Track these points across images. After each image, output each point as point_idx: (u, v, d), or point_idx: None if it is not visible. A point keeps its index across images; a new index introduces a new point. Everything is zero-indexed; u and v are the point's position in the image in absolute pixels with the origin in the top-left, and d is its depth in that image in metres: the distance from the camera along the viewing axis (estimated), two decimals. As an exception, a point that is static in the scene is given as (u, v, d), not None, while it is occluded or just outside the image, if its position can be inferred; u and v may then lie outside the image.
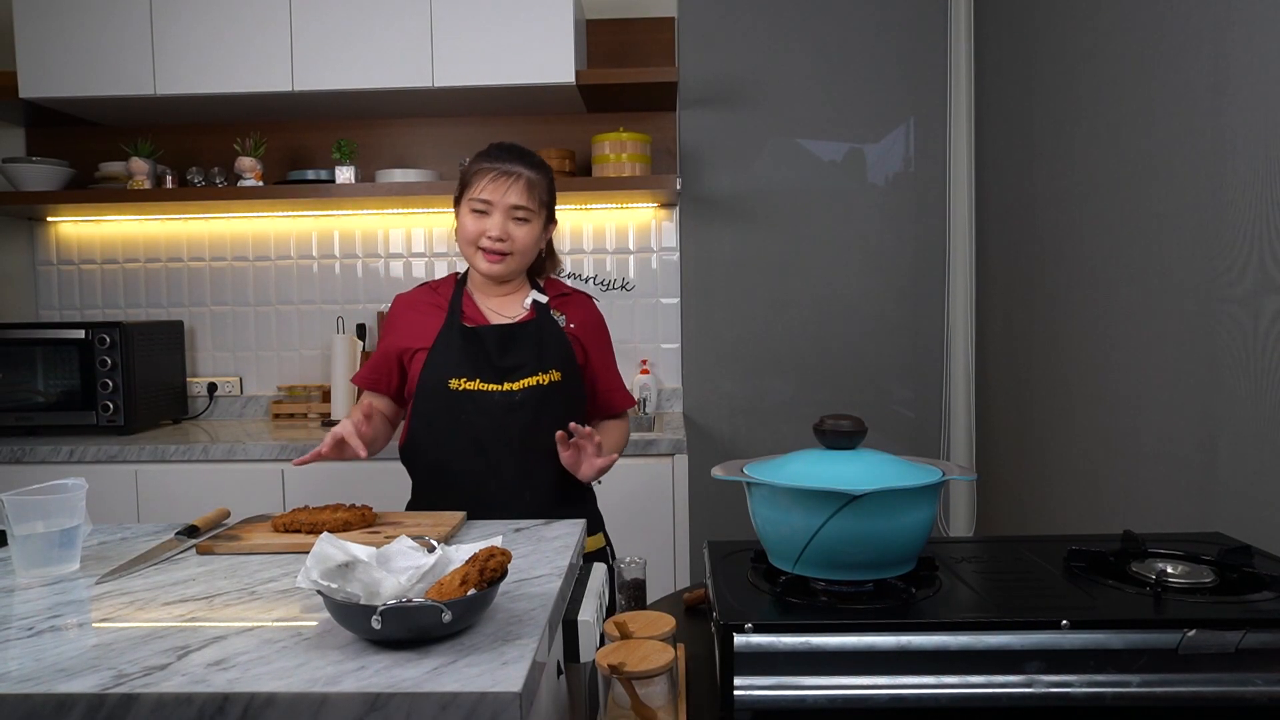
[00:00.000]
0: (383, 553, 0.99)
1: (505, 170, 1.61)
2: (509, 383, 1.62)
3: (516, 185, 1.61)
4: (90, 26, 2.57)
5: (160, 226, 3.01)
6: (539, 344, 1.65)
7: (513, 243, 1.62)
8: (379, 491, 2.36)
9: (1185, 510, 1.62)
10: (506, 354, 1.64)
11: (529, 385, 1.62)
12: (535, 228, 1.65)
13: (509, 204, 1.61)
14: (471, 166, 1.65)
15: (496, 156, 1.64)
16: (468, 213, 1.63)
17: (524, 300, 1.71)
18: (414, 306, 1.73)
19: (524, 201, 1.61)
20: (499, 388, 1.62)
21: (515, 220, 1.62)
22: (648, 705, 0.90)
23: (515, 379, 1.62)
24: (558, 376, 1.64)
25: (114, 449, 2.41)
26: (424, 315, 1.70)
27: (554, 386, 1.64)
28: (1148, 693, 0.89)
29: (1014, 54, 2.51)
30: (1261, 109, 1.39)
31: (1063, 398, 2.18)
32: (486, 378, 1.62)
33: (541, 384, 1.63)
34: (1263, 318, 1.39)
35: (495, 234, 1.61)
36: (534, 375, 1.63)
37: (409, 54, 2.54)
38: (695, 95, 2.94)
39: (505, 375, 1.62)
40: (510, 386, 1.62)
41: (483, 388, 1.62)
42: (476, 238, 1.63)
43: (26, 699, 0.79)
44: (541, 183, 1.65)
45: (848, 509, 0.97)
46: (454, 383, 1.62)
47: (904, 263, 2.97)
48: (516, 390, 1.62)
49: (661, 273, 2.97)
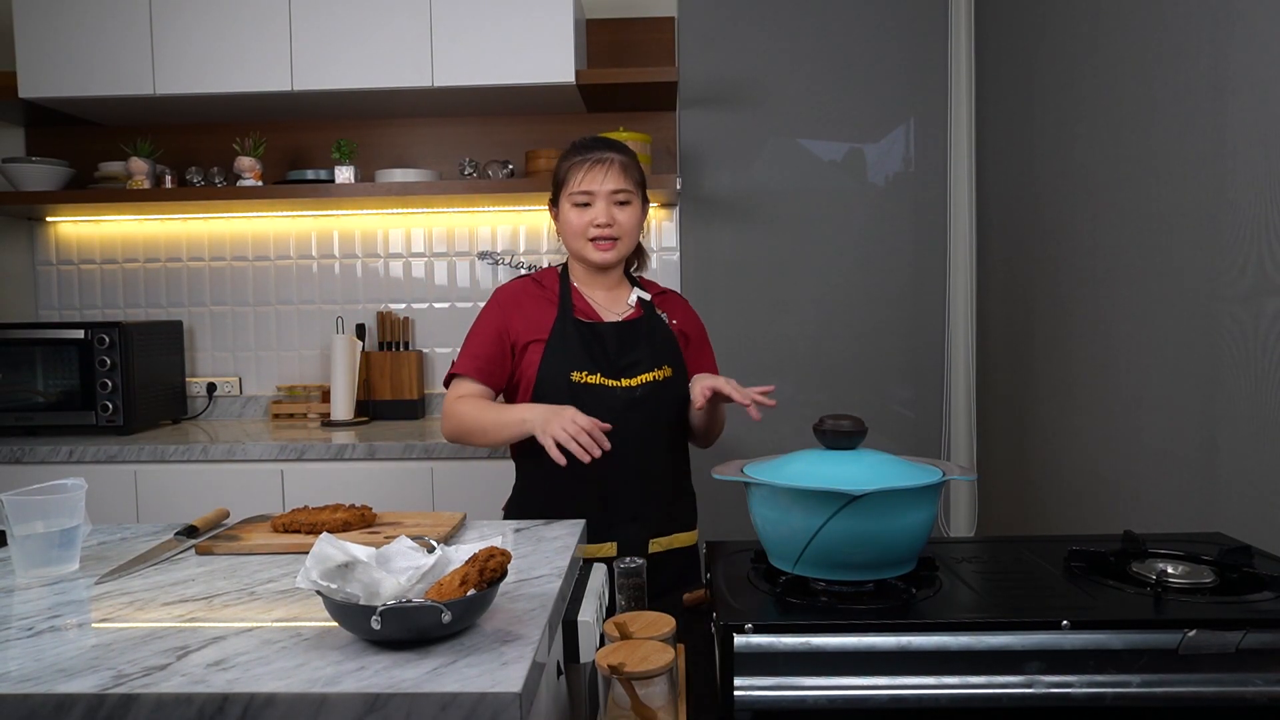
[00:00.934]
0: (382, 553, 0.99)
1: (599, 158, 1.66)
2: (626, 379, 1.65)
3: (613, 170, 1.66)
4: (90, 26, 2.56)
5: (160, 226, 3.01)
6: (652, 342, 1.69)
7: (619, 227, 1.67)
8: (379, 491, 2.37)
9: (1185, 510, 1.62)
10: (624, 350, 1.67)
11: (646, 381, 1.66)
12: (637, 209, 1.70)
13: (609, 189, 1.65)
14: (563, 164, 1.70)
15: (587, 148, 1.69)
16: (570, 208, 1.68)
17: (628, 297, 1.75)
18: (523, 298, 1.73)
19: (623, 184, 1.66)
20: (619, 383, 1.64)
21: (618, 205, 1.67)
22: (648, 705, 0.90)
23: (633, 375, 1.66)
24: (669, 372, 1.69)
25: (113, 449, 2.41)
26: (535, 308, 1.71)
27: (667, 382, 1.68)
28: (1148, 693, 0.88)
29: (1014, 54, 2.51)
30: (1262, 110, 1.39)
31: (1063, 397, 2.18)
32: (606, 372, 1.64)
33: (657, 379, 1.67)
34: (1263, 318, 1.39)
35: (602, 220, 1.65)
36: (650, 371, 1.67)
37: (409, 54, 2.54)
38: (695, 95, 2.94)
39: (623, 371, 1.65)
40: (629, 382, 1.65)
41: (604, 382, 1.64)
42: (584, 229, 1.66)
43: (26, 699, 0.79)
44: (634, 165, 1.71)
45: (848, 509, 0.97)
46: (576, 375, 1.63)
47: (904, 263, 2.97)
48: (636, 386, 1.65)
49: (661, 273, 2.97)
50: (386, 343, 2.92)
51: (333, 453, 2.40)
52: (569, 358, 1.64)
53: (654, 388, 1.66)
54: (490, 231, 2.98)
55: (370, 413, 2.86)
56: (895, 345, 2.98)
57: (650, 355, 1.68)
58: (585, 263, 1.71)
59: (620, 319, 1.71)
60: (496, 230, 2.98)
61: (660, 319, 1.74)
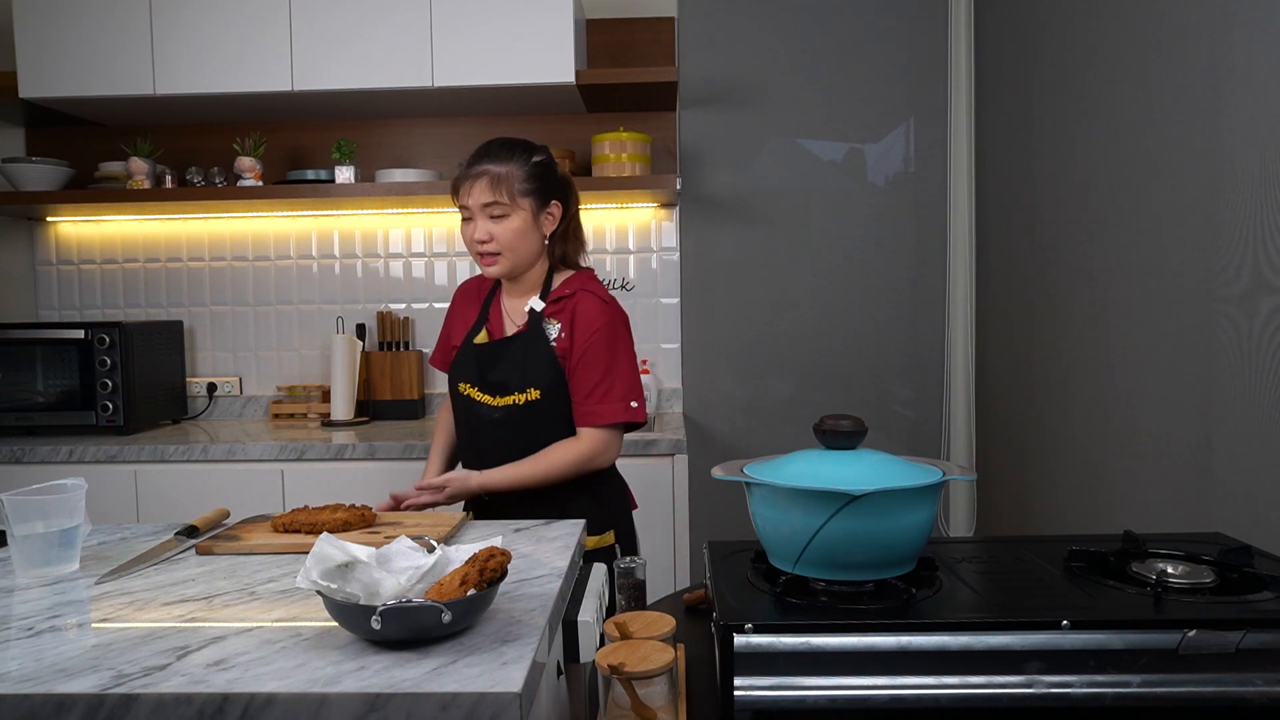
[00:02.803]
0: (382, 553, 0.99)
1: (470, 173, 1.63)
2: (496, 397, 1.67)
3: (480, 184, 1.61)
4: (90, 26, 2.56)
5: (160, 226, 3.01)
6: (523, 361, 1.66)
7: (496, 241, 1.63)
8: (379, 492, 2.37)
9: (1185, 510, 1.62)
10: (492, 370, 1.68)
11: (508, 404, 1.65)
12: (516, 221, 1.63)
13: (480, 204, 1.62)
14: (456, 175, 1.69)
15: (470, 160, 1.66)
16: (462, 222, 1.68)
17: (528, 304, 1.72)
18: (465, 300, 1.83)
19: (491, 197, 1.61)
20: (490, 400, 1.67)
21: (493, 218, 1.62)
22: (648, 705, 0.90)
23: (502, 395, 1.66)
24: (536, 395, 1.64)
25: (113, 449, 2.41)
26: (469, 311, 1.80)
27: (531, 406, 1.64)
28: (1148, 693, 0.89)
29: (1014, 54, 2.51)
30: (1259, 111, 1.39)
31: (1062, 397, 2.18)
32: (483, 388, 1.68)
33: (518, 403, 1.65)
34: (1257, 317, 1.40)
35: (479, 235, 1.64)
36: (515, 394, 1.65)
37: (409, 54, 2.54)
38: (695, 95, 2.94)
39: (497, 389, 1.67)
40: (495, 401, 1.67)
41: (480, 398, 1.68)
42: (470, 244, 1.67)
43: (26, 699, 0.79)
44: (511, 174, 1.62)
45: (848, 509, 0.97)
46: (463, 387, 1.70)
47: (904, 263, 2.97)
48: (498, 406, 1.66)
49: (661, 273, 2.97)
50: (386, 343, 2.92)
51: (333, 453, 2.40)
52: (462, 368, 1.72)
53: (516, 410, 1.64)
54: (490, 231, 2.98)
55: (370, 413, 2.86)
56: (895, 345, 2.98)
57: (518, 377, 1.65)
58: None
59: (516, 330, 1.70)
60: (496, 230, 2.98)
61: (543, 334, 1.66)
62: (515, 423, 1.65)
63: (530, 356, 1.65)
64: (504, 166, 1.62)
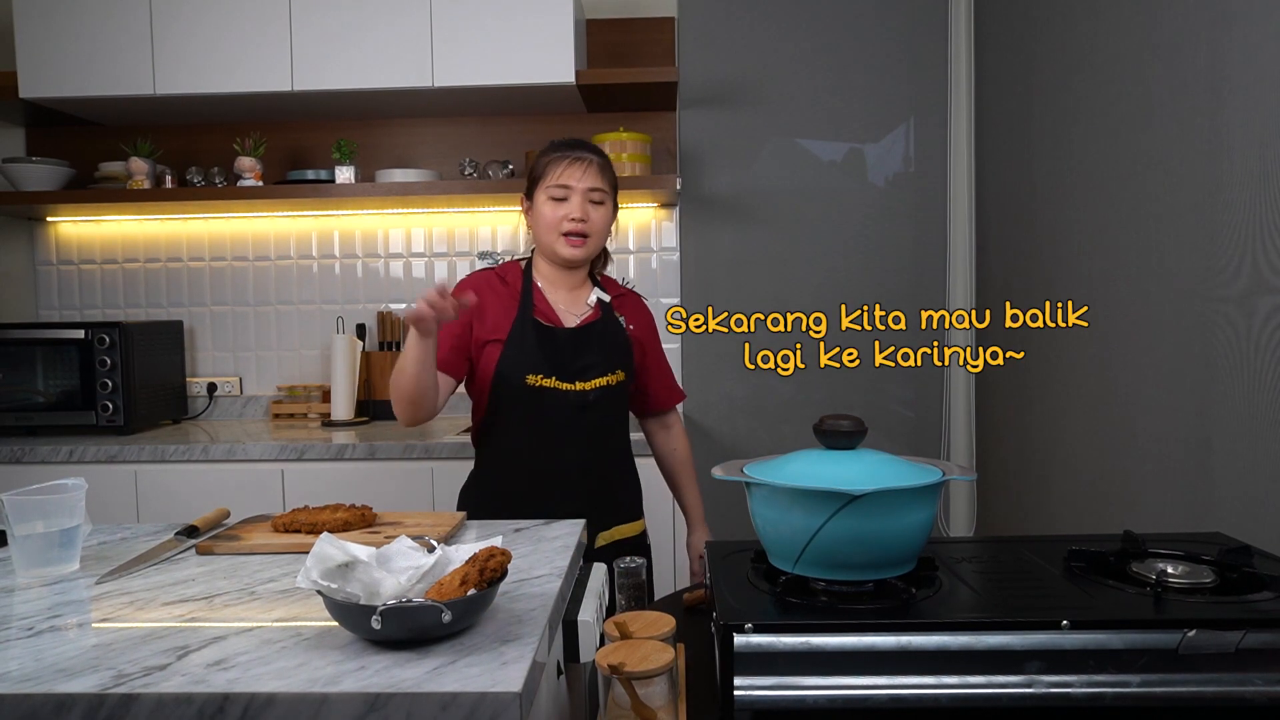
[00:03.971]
0: (383, 553, 0.99)
1: (579, 156, 1.69)
2: (581, 382, 1.68)
3: (591, 169, 1.69)
4: (90, 26, 2.57)
5: (160, 226, 3.01)
6: (607, 345, 1.72)
7: (591, 224, 1.69)
8: (379, 491, 2.37)
9: (1185, 510, 1.62)
10: (579, 354, 1.69)
11: (600, 385, 1.69)
12: (608, 211, 1.73)
13: (586, 187, 1.68)
14: (542, 158, 1.72)
15: (568, 146, 1.72)
16: (545, 200, 1.70)
17: (588, 297, 1.77)
18: (486, 294, 1.71)
19: (599, 184, 1.70)
20: (572, 386, 1.67)
21: (592, 203, 1.69)
22: (648, 705, 0.90)
23: (587, 378, 1.68)
24: (622, 377, 1.72)
25: (114, 449, 2.41)
26: (496, 305, 1.71)
27: (620, 386, 1.72)
28: (1148, 693, 0.89)
29: (1014, 54, 2.51)
30: (1258, 111, 1.39)
31: (1062, 397, 2.18)
32: (561, 376, 1.67)
33: (610, 384, 1.70)
34: (1256, 317, 1.40)
35: (577, 214, 1.67)
36: (603, 376, 1.69)
37: (409, 54, 2.54)
38: (695, 95, 2.94)
39: (578, 375, 1.68)
40: (583, 386, 1.68)
41: (558, 385, 1.67)
42: (558, 223, 1.69)
43: (26, 699, 0.79)
44: (609, 169, 1.74)
45: (848, 509, 0.97)
46: (531, 379, 1.66)
47: (904, 263, 2.97)
48: (589, 390, 1.68)
49: (661, 273, 2.97)
50: (386, 343, 2.92)
51: (333, 453, 2.40)
52: (526, 360, 1.66)
53: (606, 391, 1.70)
54: (490, 231, 2.98)
55: (370, 413, 2.86)
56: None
57: (604, 360, 1.70)
58: (554, 258, 1.72)
59: (579, 321, 1.73)
60: (496, 230, 2.98)
61: (617, 322, 1.76)
62: (605, 402, 1.70)
63: (612, 342, 1.73)
64: (602, 159, 1.73)
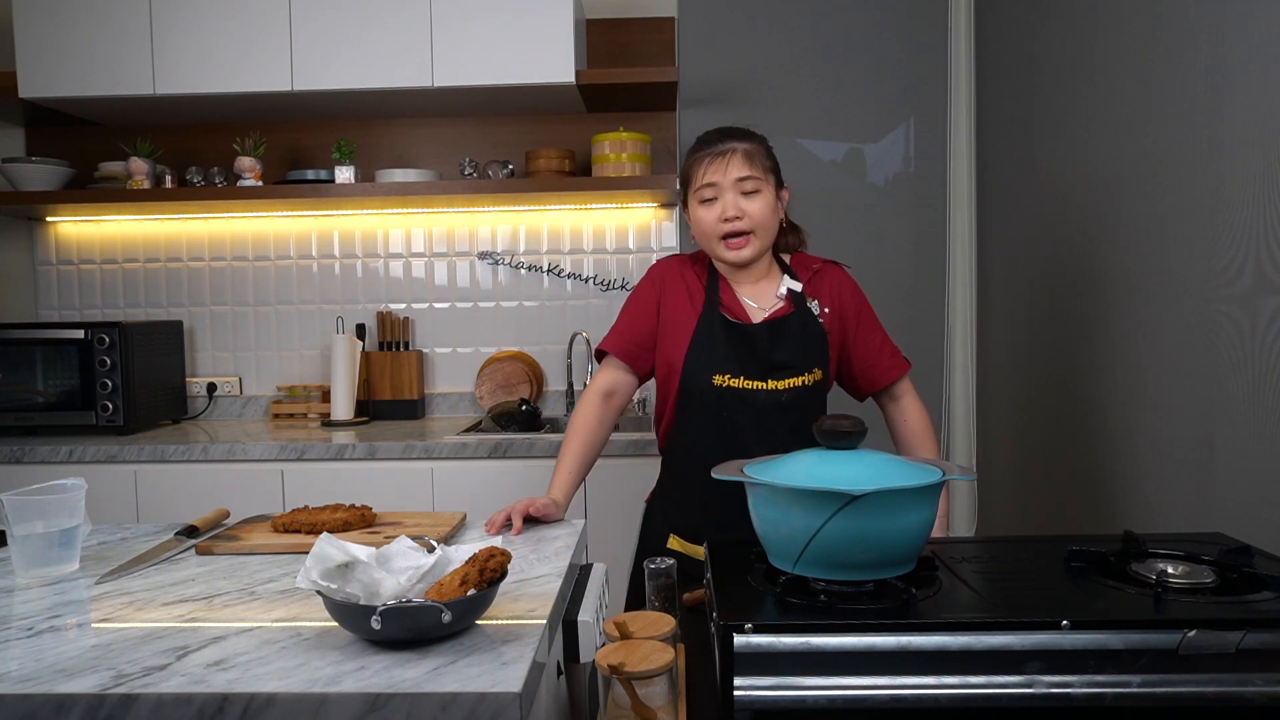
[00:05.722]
0: (382, 553, 0.99)
1: (719, 150, 1.58)
2: (774, 381, 1.57)
3: (735, 159, 1.56)
4: (90, 26, 2.57)
5: (160, 226, 3.01)
6: (802, 342, 1.60)
7: (750, 218, 1.57)
8: (379, 491, 2.37)
9: (1185, 510, 1.62)
10: (773, 353, 1.58)
11: (794, 385, 1.58)
12: (768, 197, 1.59)
13: (734, 179, 1.56)
14: (687, 160, 1.63)
15: (709, 141, 1.61)
16: (698, 205, 1.60)
17: (778, 288, 1.64)
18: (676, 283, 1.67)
19: (748, 171, 1.56)
20: (764, 386, 1.57)
21: (745, 195, 1.57)
22: (648, 705, 0.90)
23: (781, 378, 1.58)
24: (819, 375, 1.60)
25: (113, 449, 2.41)
26: (683, 298, 1.65)
27: (816, 386, 1.60)
28: (1148, 693, 0.88)
29: (1014, 54, 2.51)
30: (1259, 110, 1.39)
31: (1063, 397, 2.18)
32: (751, 375, 1.57)
33: (806, 384, 1.58)
34: (1260, 317, 1.39)
35: (731, 212, 1.56)
36: (799, 375, 1.58)
37: (409, 54, 2.54)
38: (695, 95, 2.94)
39: (770, 373, 1.58)
40: (776, 385, 1.57)
41: (748, 385, 1.57)
42: (714, 226, 1.58)
43: (26, 699, 0.79)
44: (759, 150, 1.60)
45: (848, 509, 0.97)
46: (718, 379, 1.57)
47: (904, 263, 2.97)
48: (783, 390, 1.57)
49: (661, 273, 2.97)
50: (386, 343, 2.92)
51: (333, 453, 2.40)
52: (713, 360, 1.57)
53: (801, 393, 1.58)
54: (490, 231, 2.98)
55: (370, 413, 2.86)
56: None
57: (801, 357, 1.59)
58: (722, 263, 1.64)
59: (768, 314, 1.62)
60: (496, 230, 2.98)
61: (810, 313, 1.63)
62: (801, 404, 1.58)
63: (807, 337, 1.61)
64: (749, 144, 1.59)
